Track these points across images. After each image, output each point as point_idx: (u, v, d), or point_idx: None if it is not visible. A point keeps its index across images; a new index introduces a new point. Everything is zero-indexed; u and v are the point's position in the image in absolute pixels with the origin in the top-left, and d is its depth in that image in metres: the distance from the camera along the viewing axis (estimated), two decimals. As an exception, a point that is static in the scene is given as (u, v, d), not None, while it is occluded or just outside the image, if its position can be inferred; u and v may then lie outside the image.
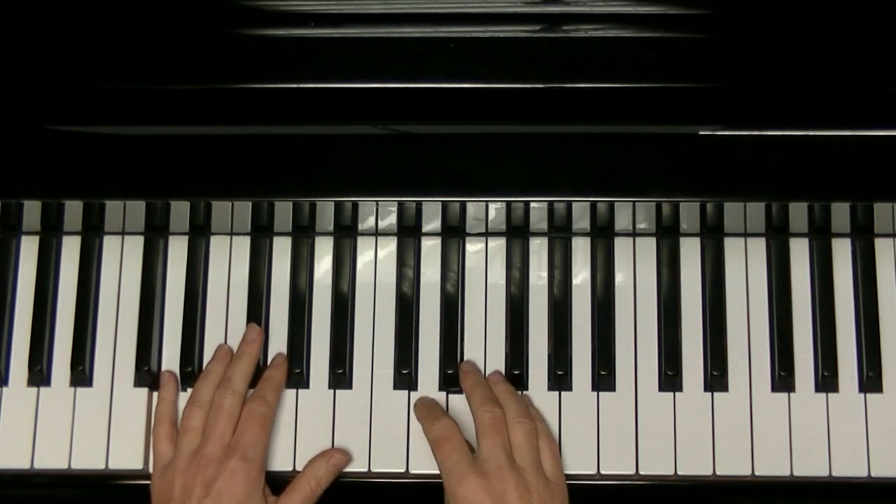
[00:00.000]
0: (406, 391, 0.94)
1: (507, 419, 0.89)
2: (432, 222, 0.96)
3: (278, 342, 0.96)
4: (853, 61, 0.86)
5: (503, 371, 0.95)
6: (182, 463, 0.89)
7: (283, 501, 0.90)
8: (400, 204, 0.93)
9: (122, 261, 0.98)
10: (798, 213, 0.94)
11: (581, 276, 0.97)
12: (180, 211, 0.95)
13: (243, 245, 0.98)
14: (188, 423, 0.91)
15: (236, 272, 0.97)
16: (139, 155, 0.88)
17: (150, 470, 0.93)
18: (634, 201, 0.91)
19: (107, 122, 0.88)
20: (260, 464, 0.89)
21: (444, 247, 0.97)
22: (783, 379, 0.93)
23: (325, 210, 0.95)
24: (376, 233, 0.97)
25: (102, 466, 0.94)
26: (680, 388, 0.94)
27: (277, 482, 0.91)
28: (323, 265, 0.97)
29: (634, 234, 0.97)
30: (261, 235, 0.97)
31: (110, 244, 0.98)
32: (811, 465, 0.92)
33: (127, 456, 0.94)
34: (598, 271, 0.96)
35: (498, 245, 0.97)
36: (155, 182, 0.88)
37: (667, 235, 0.96)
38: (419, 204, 0.93)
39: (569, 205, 0.93)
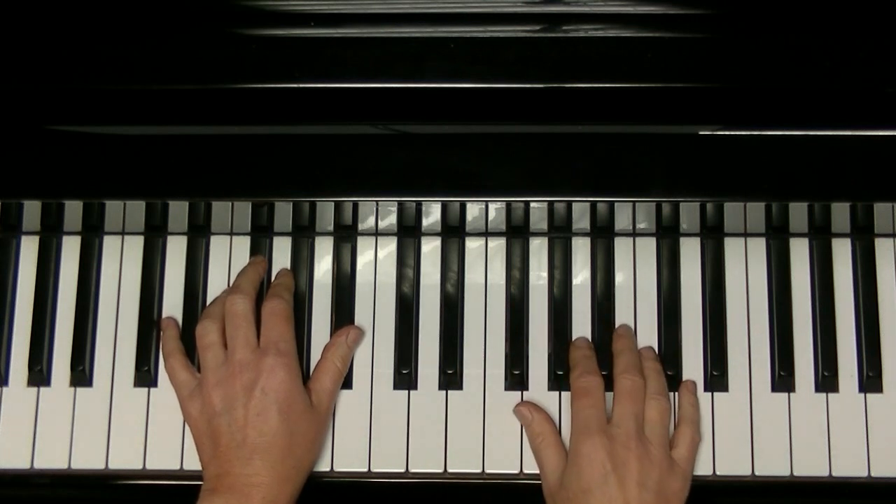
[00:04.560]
0: (406, 391, 0.94)
1: (646, 393, 0.89)
2: (432, 222, 0.96)
3: (278, 342, 0.96)
4: (853, 61, 0.86)
5: (503, 371, 0.95)
6: (214, 377, 0.89)
7: (317, 387, 0.91)
8: (400, 204, 0.93)
9: (122, 261, 0.98)
10: (798, 213, 0.94)
11: (581, 276, 0.97)
12: (180, 211, 0.95)
13: (243, 245, 0.98)
14: (206, 339, 0.91)
15: (236, 272, 0.97)
16: (139, 155, 0.88)
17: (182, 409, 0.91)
18: (634, 201, 0.91)
19: (107, 122, 0.88)
20: (294, 356, 0.90)
21: (444, 247, 0.97)
22: (783, 379, 0.93)
23: (325, 210, 0.95)
24: (376, 233, 0.97)
25: (102, 466, 0.94)
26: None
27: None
28: (323, 265, 0.97)
29: (634, 234, 0.97)
30: (261, 235, 0.97)
31: (110, 244, 0.98)
32: (811, 465, 0.92)
33: (127, 456, 0.94)
34: (598, 271, 0.96)
35: (498, 245, 0.97)
36: (155, 182, 0.88)
37: (667, 235, 0.96)
38: (419, 204, 0.93)
39: (569, 205, 0.93)
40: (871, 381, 0.93)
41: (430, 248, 0.97)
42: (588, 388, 0.90)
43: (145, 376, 0.95)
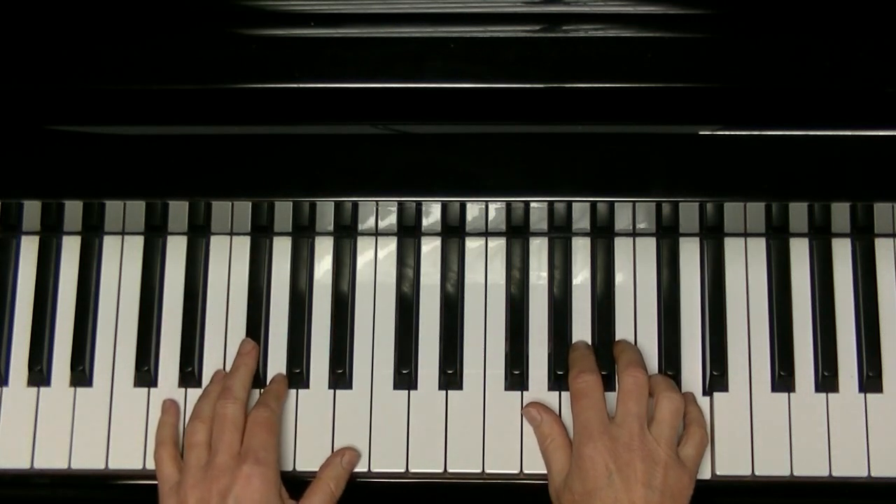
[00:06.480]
0: (406, 391, 0.94)
1: (656, 391, 0.89)
2: (432, 222, 0.96)
3: (278, 342, 0.96)
4: (853, 61, 0.86)
5: (503, 371, 0.94)
6: (192, 479, 0.88)
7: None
8: (400, 204, 0.93)
9: (122, 261, 0.98)
10: (798, 213, 0.94)
11: (581, 276, 0.97)
12: (180, 211, 0.95)
13: (243, 245, 0.98)
14: (193, 438, 0.90)
15: (236, 272, 0.97)
16: (139, 155, 0.88)
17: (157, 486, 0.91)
18: (634, 201, 0.91)
19: (107, 122, 0.88)
20: (274, 466, 0.89)
21: (444, 247, 0.97)
22: (783, 379, 0.93)
23: (325, 210, 0.95)
24: (376, 233, 0.97)
25: (102, 466, 0.94)
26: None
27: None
28: (323, 265, 0.97)
29: (634, 234, 0.97)
30: (261, 235, 0.97)
31: (110, 244, 0.98)
32: (811, 465, 0.92)
33: (127, 456, 0.94)
34: (598, 271, 0.96)
35: (498, 245, 0.97)
36: (155, 182, 0.88)
37: (667, 235, 0.96)
38: (419, 204, 0.93)
39: (569, 205, 0.93)
40: (871, 381, 0.93)
41: (430, 248, 0.97)
42: (585, 388, 0.90)
43: (145, 376, 0.95)
